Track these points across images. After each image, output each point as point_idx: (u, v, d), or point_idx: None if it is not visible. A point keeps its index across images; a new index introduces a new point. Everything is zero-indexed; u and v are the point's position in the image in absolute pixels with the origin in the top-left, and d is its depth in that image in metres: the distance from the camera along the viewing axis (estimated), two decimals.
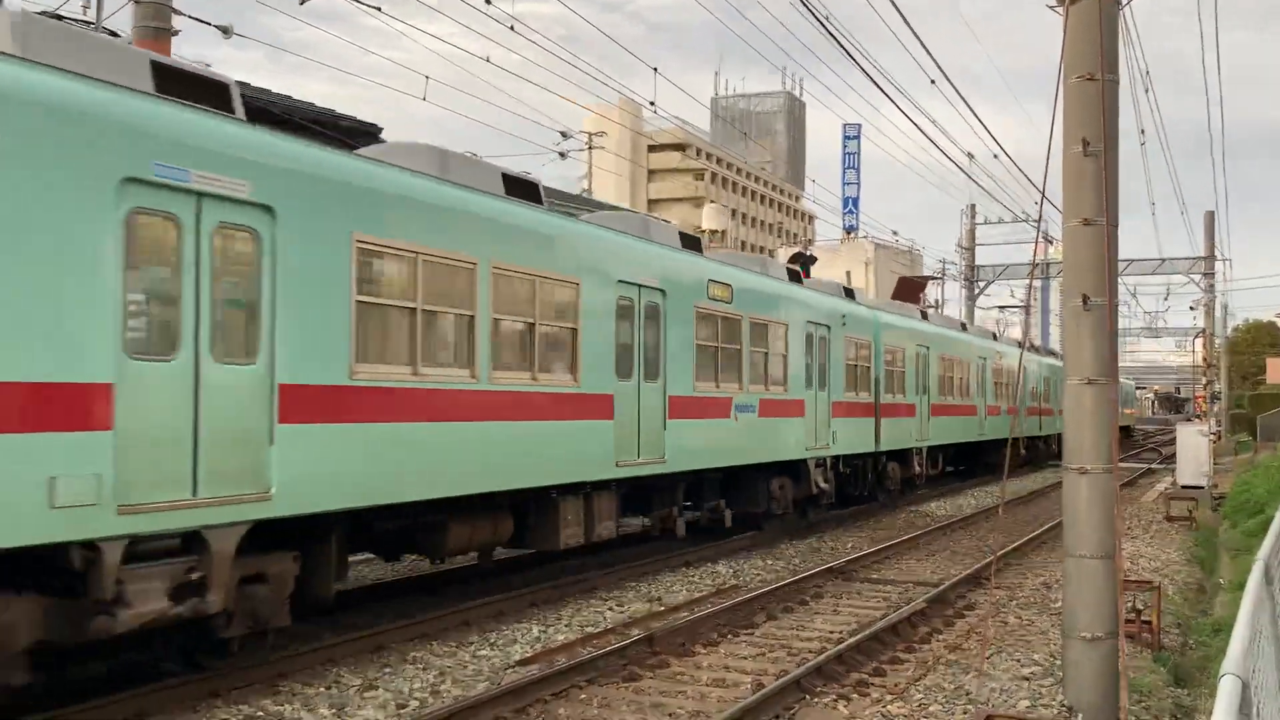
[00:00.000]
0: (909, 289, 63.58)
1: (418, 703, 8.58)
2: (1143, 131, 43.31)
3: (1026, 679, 9.50)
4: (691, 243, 15.71)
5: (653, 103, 23.99)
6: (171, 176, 7.60)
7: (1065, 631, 8.53)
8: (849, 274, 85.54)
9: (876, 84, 15.60)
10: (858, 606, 12.81)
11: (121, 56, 7.84)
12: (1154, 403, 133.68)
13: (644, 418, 13.71)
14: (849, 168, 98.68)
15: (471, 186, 10.89)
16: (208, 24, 14.38)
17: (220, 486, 7.92)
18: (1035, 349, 46.99)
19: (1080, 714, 8.22)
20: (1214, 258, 53.05)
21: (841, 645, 10.13)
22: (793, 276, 19.06)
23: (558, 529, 12.26)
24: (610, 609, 12.21)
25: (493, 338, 10.81)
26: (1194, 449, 27.72)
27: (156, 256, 7.60)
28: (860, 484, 22.14)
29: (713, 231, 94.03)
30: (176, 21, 12.65)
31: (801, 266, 21.13)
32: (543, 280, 11.60)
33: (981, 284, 55.69)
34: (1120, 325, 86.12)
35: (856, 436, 21.05)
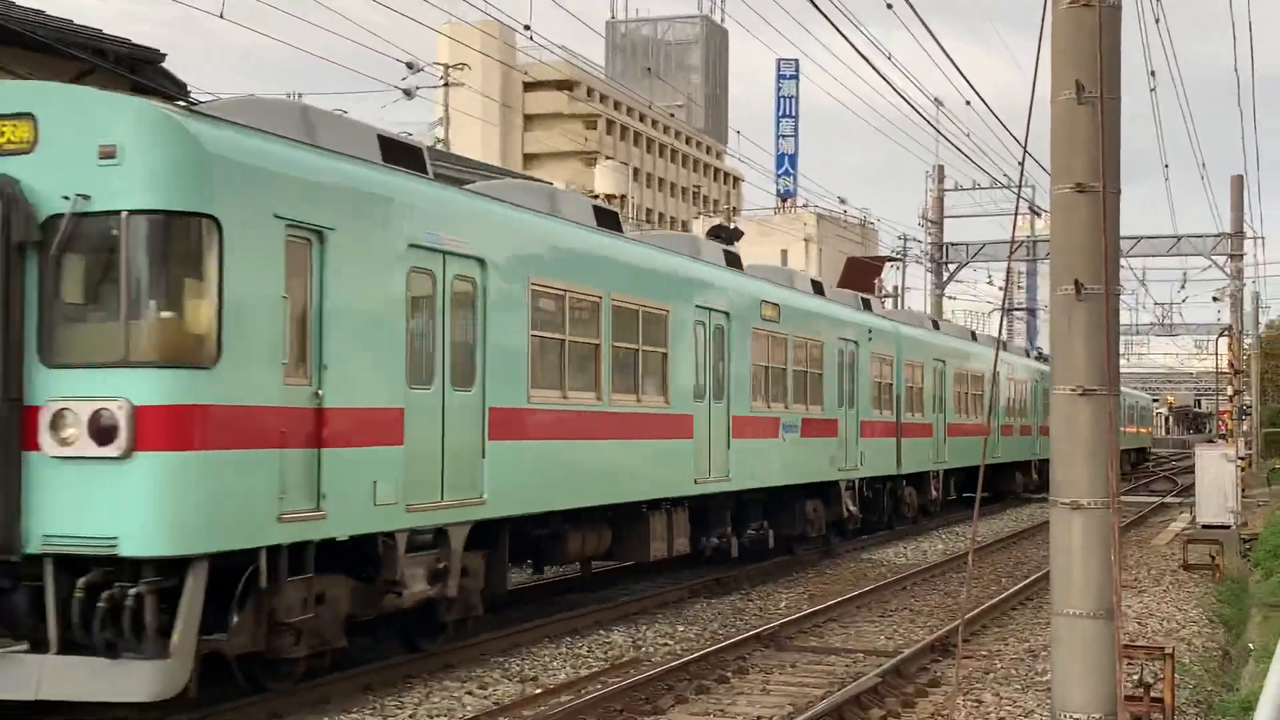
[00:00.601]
0: (861, 273, 64.46)
1: None
2: (1153, 74, 44.09)
3: None
4: (734, 260, 20.37)
5: (528, 26, 23.97)
6: (432, 240, 12.35)
7: (1054, 712, 8.71)
8: (785, 253, 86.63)
9: (818, 6, 15.79)
10: (793, 683, 12.95)
11: (360, 133, 12.47)
12: (1168, 419, 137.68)
13: (713, 437, 18.40)
14: (784, 116, 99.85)
15: (582, 223, 15.79)
16: None
17: (455, 492, 12.59)
18: (1043, 357, 48.48)
19: None
20: (1242, 235, 53.65)
21: None
22: (816, 289, 24.14)
23: (648, 542, 16.88)
24: (469, 693, 12.16)
25: (612, 363, 15.65)
26: (1218, 478, 28.32)
27: (423, 304, 12.36)
28: (880, 509, 26.49)
29: (609, 197, 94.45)
30: None
31: (725, 242, 21.42)
32: (644, 309, 16.52)
33: (951, 266, 56.67)
34: (1124, 320, 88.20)
35: (880, 458, 25.71)
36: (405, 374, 11.93)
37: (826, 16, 16.52)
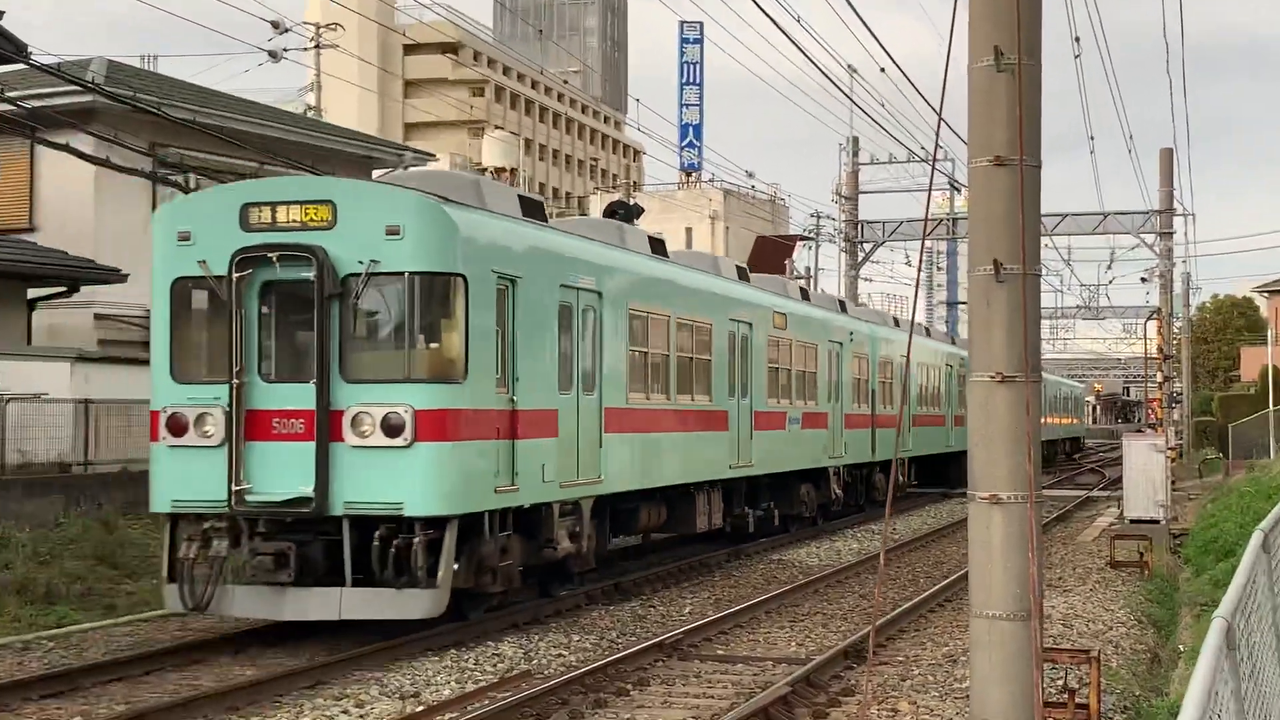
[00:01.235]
0: (772, 253, 64.82)
1: None
2: (1078, 40, 44.88)
3: None
4: (743, 274, 26.59)
5: None
6: (573, 280, 17.58)
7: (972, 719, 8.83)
8: (690, 231, 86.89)
9: None
10: (697, 695, 13.02)
11: (507, 194, 17.69)
12: (1094, 408, 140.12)
13: (740, 429, 24.05)
14: (688, 83, 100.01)
15: (642, 252, 21.17)
16: None
17: (586, 473, 17.84)
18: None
19: None
20: (1172, 211, 54.31)
21: None
22: (804, 295, 30.86)
23: (694, 516, 22.31)
24: (344, 712, 12.07)
25: (677, 369, 21.28)
26: (1146, 470, 28.68)
27: (566, 329, 17.43)
28: (858, 493, 32.64)
29: (498, 171, 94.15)
30: None
31: (624, 218, 21.61)
32: (695, 324, 22.15)
33: (867, 246, 56.91)
34: (1048, 303, 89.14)
35: (859, 447, 32.15)
36: (557, 383, 17.14)
37: None
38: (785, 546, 26.54)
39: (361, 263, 14.56)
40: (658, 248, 22.05)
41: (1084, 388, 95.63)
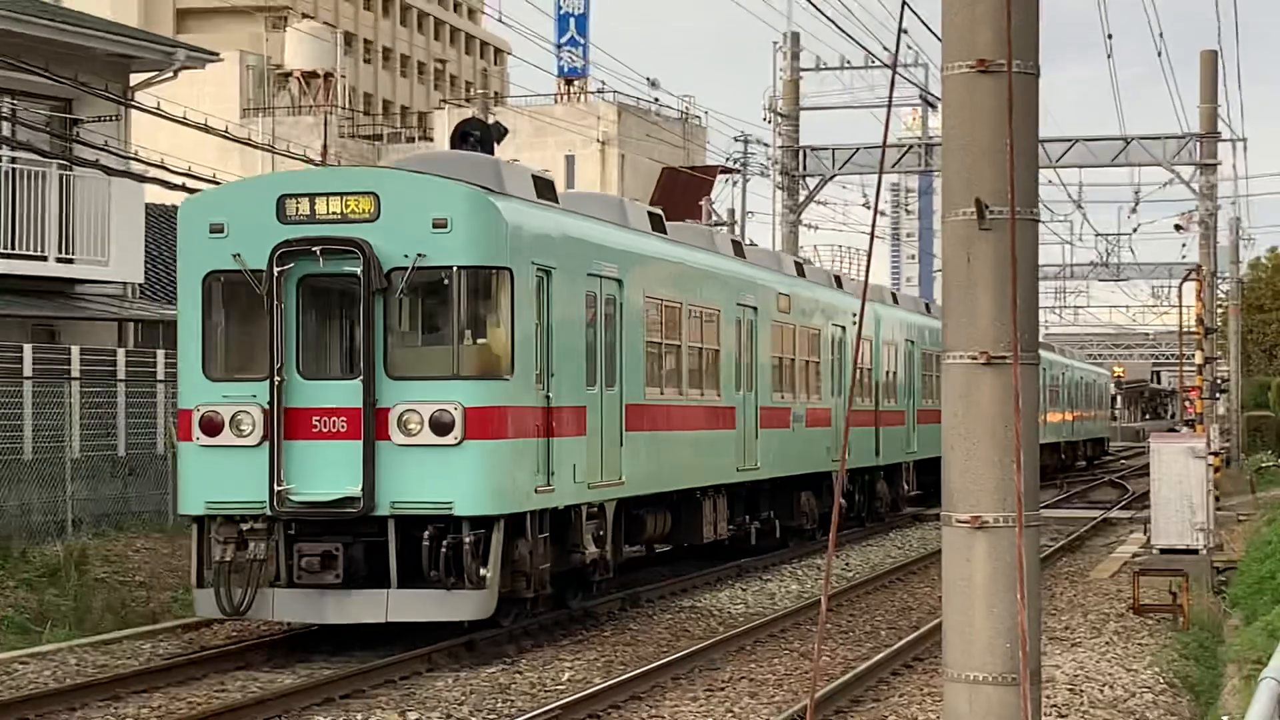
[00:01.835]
0: (682, 190, 64.45)
1: None
2: None
3: None
4: (739, 250, 30.19)
5: None
6: (598, 269, 21.44)
7: None
8: (571, 160, 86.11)
9: None
10: None
11: (522, 175, 20.75)
12: (1115, 399, 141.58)
13: (747, 427, 27.82)
14: None
15: (642, 230, 24.65)
16: None
17: (610, 474, 21.70)
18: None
19: None
20: (1217, 136, 53.04)
21: None
22: (799, 270, 33.65)
23: (701, 525, 26.03)
24: None
25: (688, 361, 24.93)
26: (1182, 483, 28.63)
27: (592, 319, 21.33)
28: (864, 502, 36.32)
29: (307, 76, 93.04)
30: None
31: (481, 142, 21.54)
32: (704, 310, 25.77)
33: (811, 181, 55.69)
34: (1051, 259, 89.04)
35: (863, 448, 35.57)
36: (585, 377, 20.85)
37: None
38: (699, 590, 26.52)
39: (407, 256, 18.13)
40: (658, 225, 25.38)
41: (1106, 375, 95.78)
